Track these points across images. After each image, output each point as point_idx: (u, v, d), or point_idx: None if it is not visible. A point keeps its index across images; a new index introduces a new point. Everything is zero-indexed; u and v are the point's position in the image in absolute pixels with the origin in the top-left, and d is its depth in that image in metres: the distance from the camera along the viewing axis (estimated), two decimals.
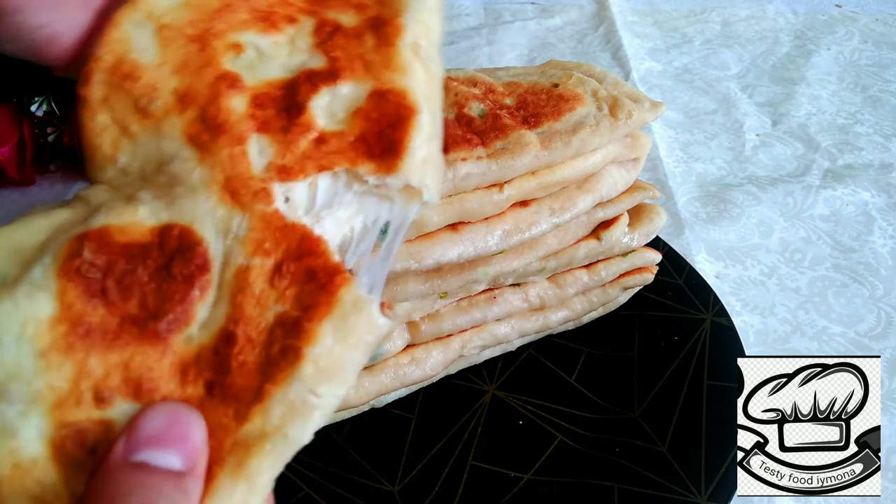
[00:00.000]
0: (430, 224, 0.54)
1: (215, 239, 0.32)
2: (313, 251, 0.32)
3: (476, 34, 1.28)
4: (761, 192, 0.93)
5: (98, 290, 0.30)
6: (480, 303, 0.64)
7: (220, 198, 0.32)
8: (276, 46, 0.36)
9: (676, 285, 0.72)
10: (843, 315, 0.77)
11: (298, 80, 0.35)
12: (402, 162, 0.33)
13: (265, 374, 0.30)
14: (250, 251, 0.32)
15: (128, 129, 0.34)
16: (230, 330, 0.31)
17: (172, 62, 0.34)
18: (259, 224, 0.32)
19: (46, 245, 0.31)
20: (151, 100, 0.34)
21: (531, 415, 0.64)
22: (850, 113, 1.09)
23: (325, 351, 0.30)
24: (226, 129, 0.33)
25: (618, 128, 0.57)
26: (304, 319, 0.31)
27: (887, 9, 1.37)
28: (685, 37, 1.29)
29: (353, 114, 0.34)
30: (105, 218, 0.32)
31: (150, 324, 0.31)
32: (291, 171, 0.33)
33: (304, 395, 0.30)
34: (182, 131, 0.33)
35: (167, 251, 0.31)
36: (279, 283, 0.32)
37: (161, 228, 0.32)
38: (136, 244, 0.31)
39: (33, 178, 0.92)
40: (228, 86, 0.34)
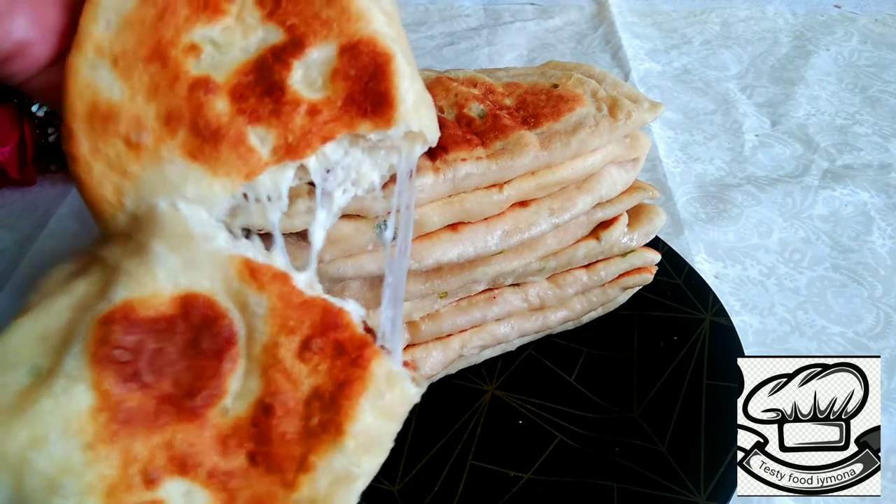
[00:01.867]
0: (430, 224, 0.54)
1: (234, 311, 0.33)
2: (338, 325, 0.34)
3: (476, 35, 1.29)
4: (760, 193, 0.93)
5: (131, 374, 0.31)
6: (480, 303, 0.64)
7: (238, 272, 0.33)
8: (228, 32, 0.35)
9: (676, 285, 0.72)
10: (842, 315, 0.77)
11: (267, 60, 0.34)
12: (397, 112, 0.34)
13: (307, 445, 0.32)
14: (275, 330, 0.33)
15: (126, 172, 0.34)
16: (267, 402, 0.32)
17: (142, 89, 0.34)
18: (279, 304, 0.33)
19: (72, 327, 0.31)
20: (140, 133, 0.33)
21: (531, 414, 0.64)
22: (849, 113, 1.10)
23: (366, 428, 0.33)
24: (223, 135, 0.33)
25: (617, 128, 0.57)
26: (341, 396, 0.32)
27: (886, 9, 1.37)
28: (684, 37, 1.29)
29: (331, 76, 0.34)
30: (125, 290, 0.31)
31: (187, 401, 0.31)
32: (298, 148, 0.33)
33: (348, 466, 0.32)
34: (182, 153, 0.33)
35: (192, 324, 0.32)
36: (309, 358, 0.33)
37: (183, 299, 0.32)
38: (161, 318, 0.31)
39: (34, 178, 0.92)
40: (205, 91, 0.33)
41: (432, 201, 0.53)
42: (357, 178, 0.37)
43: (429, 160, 0.52)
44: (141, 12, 0.34)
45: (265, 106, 0.34)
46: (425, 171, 0.52)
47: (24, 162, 0.89)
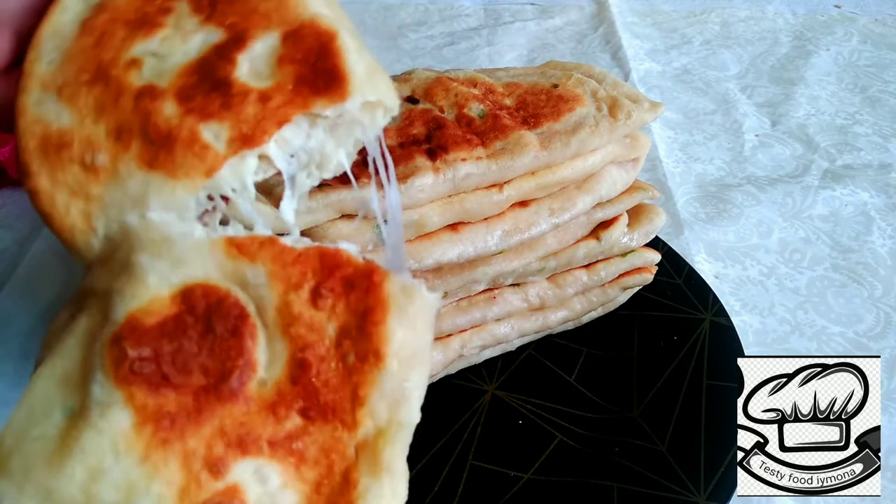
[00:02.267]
0: (430, 224, 0.54)
1: (235, 289, 0.33)
2: (339, 263, 0.34)
3: (476, 35, 1.29)
4: (760, 193, 0.93)
5: (159, 380, 0.31)
6: (480, 303, 0.64)
7: (225, 252, 0.33)
8: (167, 41, 0.35)
9: (676, 285, 0.72)
10: (842, 315, 0.77)
11: (210, 59, 0.34)
12: (350, 84, 0.34)
13: (353, 382, 0.32)
14: (282, 291, 0.33)
15: (89, 195, 0.33)
16: (300, 358, 0.32)
17: (90, 111, 0.34)
18: (275, 266, 0.33)
19: (87, 360, 0.31)
20: (94, 154, 0.33)
21: (531, 414, 0.64)
22: (849, 113, 1.10)
23: (401, 344, 0.33)
24: (175, 137, 0.33)
25: (617, 128, 0.57)
26: (367, 325, 0.32)
27: (886, 9, 1.37)
28: (684, 37, 1.29)
29: (277, 63, 0.34)
30: (123, 306, 0.31)
31: (223, 386, 0.31)
32: (254, 136, 0.33)
33: (399, 385, 0.32)
34: (139, 164, 0.33)
35: (200, 314, 0.32)
36: (324, 303, 0.33)
37: (182, 293, 0.32)
38: (167, 320, 0.31)
39: None
40: (151, 98, 0.33)
41: (432, 201, 0.53)
42: (321, 160, 0.36)
43: (429, 160, 0.52)
44: (80, 43, 0.34)
45: (214, 102, 0.33)
46: (425, 171, 0.52)
47: None
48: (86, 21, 0.35)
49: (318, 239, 0.51)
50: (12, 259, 0.83)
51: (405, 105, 0.58)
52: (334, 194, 0.50)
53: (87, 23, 0.35)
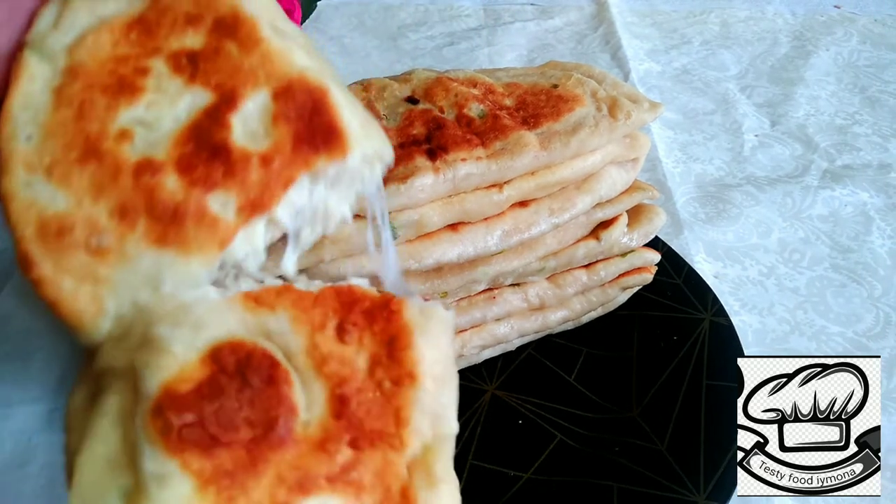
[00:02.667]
0: (430, 224, 0.54)
1: (262, 341, 0.33)
2: (356, 298, 0.34)
3: (476, 35, 1.29)
4: (760, 193, 0.93)
5: (209, 441, 0.31)
6: (480, 303, 0.64)
7: (244, 307, 0.33)
8: (153, 107, 0.34)
9: (675, 285, 0.72)
10: (842, 315, 0.77)
11: (202, 124, 0.33)
12: (348, 140, 0.34)
13: (393, 405, 0.33)
14: (308, 335, 0.33)
15: (98, 278, 0.32)
16: (338, 394, 0.33)
17: (87, 192, 0.32)
18: (296, 311, 0.34)
19: (129, 439, 0.31)
20: (99, 237, 0.32)
21: (531, 414, 0.64)
22: (849, 113, 1.10)
23: (432, 363, 0.34)
24: (183, 212, 0.32)
25: (617, 128, 0.57)
26: (396, 350, 0.34)
27: (886, 10, 1.37)
28: (684, 38, 1.29)
29: (272, 122, 0.34)
30: (154, 379, 0.31)
31: (270, 435, 0.31)
32: (262, 202, 0.33)
33: (436, 401, 0.34)
34: (148, 243, 0.32)
35: (233, 371, 0.32)
36: (350, 338, 0.34)
37: (210, 355, 0.32)
38: (202, 384, 0.31)
39: None
40: (151, 174, 0.32)
41: (432, 201, 0.53)
42: (325, 214, 0.37)
43: (429, 160, 0.52)
44: (59, 116, 0.33)
45: (216, 170, 0.33)
46: (425, 171, 0.52)
47: None
48: (59, 89, 0.33)
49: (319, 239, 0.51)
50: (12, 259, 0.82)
51: (405, 105, 0.58)
52: None
53: (62, 91, 0.33)
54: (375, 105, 0.59)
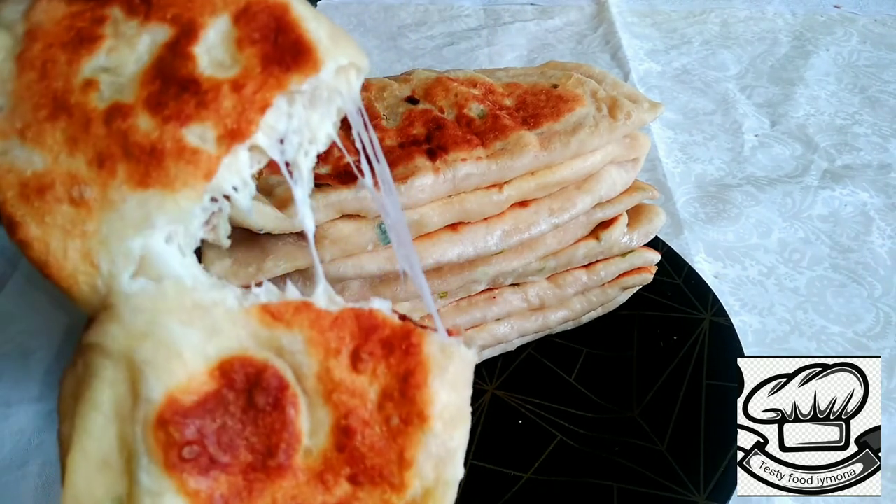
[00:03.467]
0: (430, 224, 0.54)
1: (273, 358, 0.32)
2: (376, 325, 0.33)
3: (476, 35, 1.29)
4: (760, 193, 0.93)
5: (208, 463, 0.30)
6: (480, 303, 0.64)
7: (260, 320, 0.32)
8: (114, 53, 0.33)
9: (675, 285, 0.72)
10: (842, 315, 0.77)
11: (165, 59, 0.32)
12: (318, 53, 0.33)
13: (398, 444, 0.32)
14: (321, 357, 0.32)
15: (85, 231, 0.31)
16: (343, 425, 0.32)
17: (61, 147, 0.32)
18: (312, 332, 0.33)
19: (124, 441, 0.30)
20: (80, 188, 0.31)
21: (531, 414, 0.64)
22: (849, 113, 1.10)
23: (444, 405, 0.33)
24: (160, 150, 0.31)
25: (617, 128, 0.57)
26: (409, 388, 0.33)
27: (886, 10, 1.37)
28: (684, 38, 1.29)
29: (237, 48, 0.33)
30: (160, 384, 0.30)
31: (270, 461, 0.31)
32: (240, 129, 0.32)
33: (444, 444, 0.33)
34: (131, 187, 0.31)
35: (239, 388, 0.31)
36: (364, 367, 0.33)
37: (219, 368, 0.31)
38: (208, 398, 0.31)
39: None
40: (122, 118, 0.32)
41: (432, 201, 0.53)
42: (311, 135, 0.35)
43: (429, 160, 0.52)
44: (25, 80, 0.32)
45: (187, 104, 0.32)
46: (425, 171, 0.52)
47: None
48: (20, 55, 0.33)
49: (318, 239, 0.51)
50: (12, 259, 0.83)
51: (405, 105, 0.58)
52: (334, 194, 0.50)
53: (23, 56, 0.32)
54: (375, 105, 0.59)
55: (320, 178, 0.52)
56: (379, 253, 0.54)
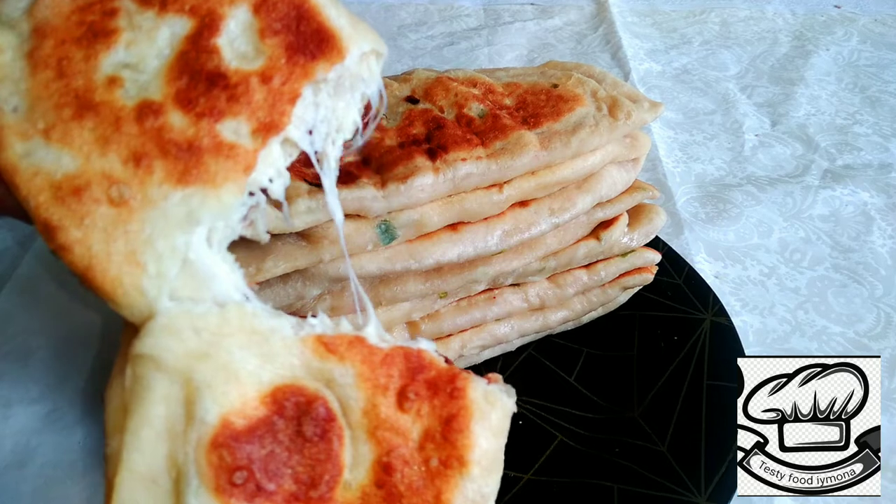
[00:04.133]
0: (430, 224, 0.54)
1: (322, 389, 0.33)
2: (423, 366, 0.34)
3: (476, 35, 1.29)
4: (760, 193, 0.93)
5: (254, 490, 0.30)
6: (480, 303, 0.64)
7: (314, 351, 0.33)
8: (132, 47, 0.32)
9: (676, 285, 0.72)
10: (843, 315, 0.77)
11: (189, 54, 0.32)
12: (341, 41, 0.33)
13: (436, 486, 0.33)
14: (369, 393, 0.33)
15: (128, 232, 0.30)
16: (385, 462, 0.33)
17: (92, 147, 0.31)
18: (364, 367, 0.33)
19: (174, 460, 0.30)
20: (118, 188, 0.31)
21: (531, 415, 0.64)
22: (849, 113, 1.10)
23: (483, 452, 0.34)
24: (198, 147, 0.31)
25: (617, 128, 0.57)
26: (452, 431, 0.33)
27: (886, 9, 1.37)
28: (684, 37, 1.29)
29: (259, 38, 0.33)
30: (216, 406, 0.30)
31: (312, 492, 0.31)
32: (273, 122, 0.32)
33: (479, 490, 0.33)
34: (172, 185, 0.31)
35: (289, 416, 0.32)
36: (409, 407, 0.33)
37: (272, 395, 0.32)
38: (259, 424, 0.31)
39: None
40: (154, 116, 0.31)
41: (432, 201, 0.53)
42: (338, 123, 0.36)
43: (429, 160, 0.52)
44: (40, 79, 0.31)
45: (219, 99, 0.32)
46: (425, 171, 0.52)
47: None
48: (31, 53, 0.32)
49: (318, 239, 0.51)
50: (13, 259, 0.83)
51: (405, 105, 0.58)
52: None
53: (35, 54, 0.32)
54: None
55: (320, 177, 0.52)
56: (379, 253, 0.54)
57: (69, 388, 0.68)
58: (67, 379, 0.69)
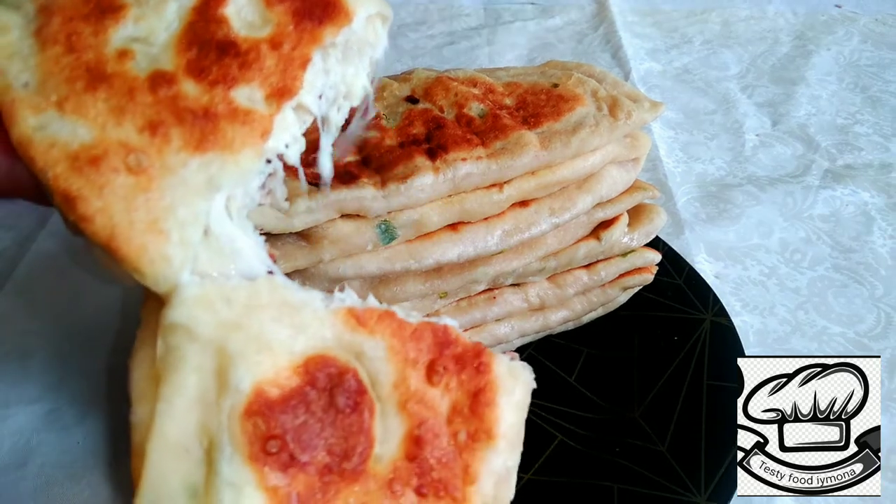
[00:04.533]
0: (430, 224, 0.54)
1: (353, 361, 0.33)
2: (450, 341, 0.35)
3: (476, 34, 1.28)
4: (761, 193, 0.93)
5: (288, 460, 0.30)
6: (480, 303, 0.64)
7: (345, 323, 0.33)
8: (140, 20, 0.33)
9: (676, 285, 0.72)
10: (843, 315, 0.77)
11: (197, 25, 0.32)
12: (347, 5, 0.34)
13: (464, 459, 0.33)
14: (399, 366, 0.33)
15: (149, 200, 0.30)
16: (416, 434, 0.33)
17: (107, 117, 0.31)
18: (394, 341, 0.34)
19: (206, 428, 0.30)
20: (136, 156, 0.31)
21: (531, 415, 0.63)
22: (850, 113, 1.09)
23: (509, 424, 0.35)
24: (214, 113, 0.32)
25: (617, 128, 0.57)
26: (479, 405, 0.34)
27: (887, 9, 1.37)
28: (685, 37, 1.29)
29: (266, 7, 0.33)
30: (250, 375, 0.30)
31: (345, 464, 0.31)
32: (286, 87, 0.33)
33: (504, 463, 0.34)
34: (190, 152, 0.31)
35: (322, 387, 0.32)
36: (438, 380, 0.34)
37: (304, 366, 0.32)
38: (292, 393, 0.31)
39: None
40: (167, 86, 0.31)
41: (432, 201, 0.53)
42: (347, 90, 0.36)
43: (429, 160, 0.52)
44: (49, 55, 0.32)
45: (230, 67, 0.32)
46: (425, 171, 0.52)
47: None
48: (38, 31, 0.32)
49: (318, 239, 0.51)
50: (12, 259, 0.83)
51: (405, 105, 0.58)
52: (334, 194, 0.49)
53: (42, 32, 0.32)
54: (375, 104, 0.58)
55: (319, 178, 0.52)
56: (379, 253, 0.54)
57: (69, 388, 0.68)
58: (67, 379, 0.69)
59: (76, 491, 0.60)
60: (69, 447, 0.63)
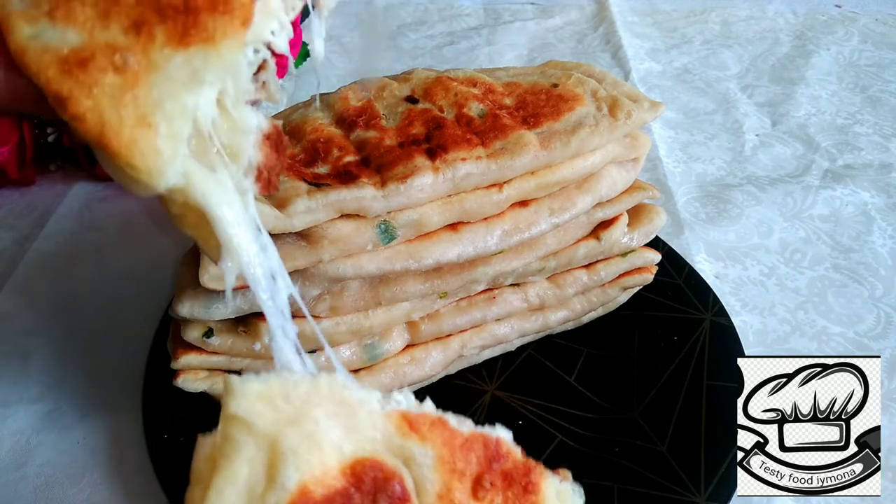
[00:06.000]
0: (430, 224, 0.54)
1: (400, 466, 0.33)
2: (500, 455, 0.35)
3: (476, 34, 1.28)
4: (761, 193, 0.93)
5: None
6: (480, 303, 0.64)
7: (397, 428, 0.33)
8: None
9: (676, 285, 0.72)
10: (843, 315, 0.77)
11: None
12: None
13: None
14: (446, 477, 0.33)
15: (136, 97, 0.31)
16: None
17: (95, 21, 0.32)
18: (444, 450, 0.34)
19: None
20: (122, 55, 0.32)
21: (531, 415, 0.64)
22: (850, 113, 1.09)
23: None
24: (195, 6, 0.32)
25: (617, 128, 0.57)
26: None
27: (887, 9, 1.37)
28: (685, 37, 1.29)
29: None
30: (297, 473, 0.31)
31: None
32: None
33: None
34: (173, 47, 0.32)
35: (366, 491, 0.32)
36: (483, 495, 0.34)
37: (351, 467, 0.32)
38: (336, 494, 0.31)
39: (33, 178, 0.92)
40: None
41: (432, 201, 0.53)
42: None
43: (428, 160, 0.52)
44: None
45: None
46: (425, 171, 0.52)
47: (24, 162, 0.89)
48: None
49: (317, 239, 0.51)
50: (11, 259, 0.83)
51: (405, 104, 0.58)
52: (334, 194, 0.50)
53: None
54: (375, 104, 0.58)
55: (319, 177, 0.52)
56: (378, 253, 0.54)
57: (69, 387, 0.69)
58: (67, 379, 0.69)
59: (76, 491, 0.60)
60: (70, 447, 0.63)
